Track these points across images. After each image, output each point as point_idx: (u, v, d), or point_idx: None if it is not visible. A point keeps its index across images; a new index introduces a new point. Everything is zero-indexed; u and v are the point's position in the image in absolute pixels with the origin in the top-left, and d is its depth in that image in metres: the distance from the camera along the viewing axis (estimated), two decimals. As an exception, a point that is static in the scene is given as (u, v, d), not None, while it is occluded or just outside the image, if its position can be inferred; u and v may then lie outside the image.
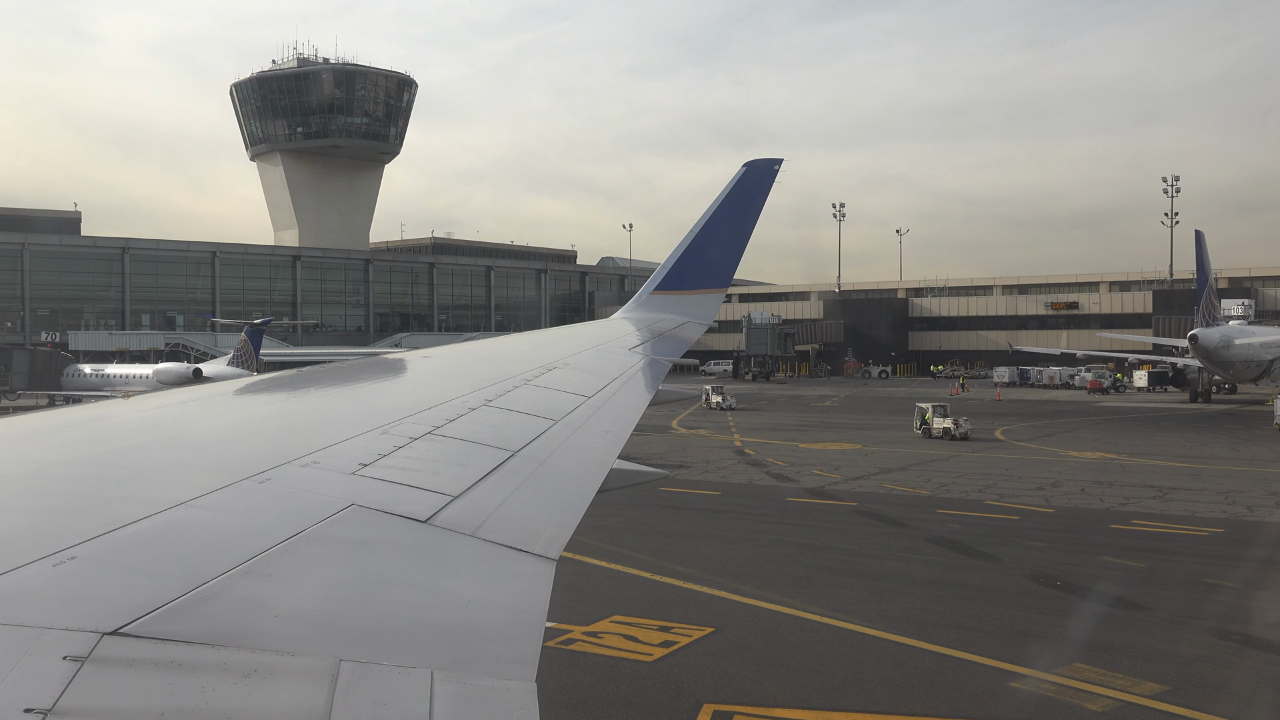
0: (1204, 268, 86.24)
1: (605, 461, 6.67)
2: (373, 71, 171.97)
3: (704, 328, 16.17)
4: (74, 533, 3.50)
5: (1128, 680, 19.73)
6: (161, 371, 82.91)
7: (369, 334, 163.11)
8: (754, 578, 28.27)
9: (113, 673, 2.63)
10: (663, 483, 44.64)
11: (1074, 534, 34.60)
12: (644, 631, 23.31)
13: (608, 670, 20.89)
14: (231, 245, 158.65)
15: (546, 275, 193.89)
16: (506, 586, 4.04)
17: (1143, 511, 38.24)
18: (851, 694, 19.37)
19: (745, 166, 16.55)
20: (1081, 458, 55.13)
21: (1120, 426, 74.06)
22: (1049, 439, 65.00)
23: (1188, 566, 29.89)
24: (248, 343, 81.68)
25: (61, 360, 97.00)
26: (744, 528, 36.48)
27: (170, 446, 5.53)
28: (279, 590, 3.39)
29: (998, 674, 20.23)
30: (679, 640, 22.66)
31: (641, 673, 20.69)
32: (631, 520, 37.30)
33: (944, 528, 35.46)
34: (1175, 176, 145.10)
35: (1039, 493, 42.89)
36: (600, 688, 19.89)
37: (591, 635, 23.09)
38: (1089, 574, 28.62)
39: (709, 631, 23.26)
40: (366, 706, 2.75)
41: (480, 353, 12.88)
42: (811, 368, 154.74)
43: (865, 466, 51.78)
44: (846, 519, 37.96)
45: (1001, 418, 79.91)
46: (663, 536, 34.55)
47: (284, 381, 9.35)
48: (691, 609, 25.20)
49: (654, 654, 21.78)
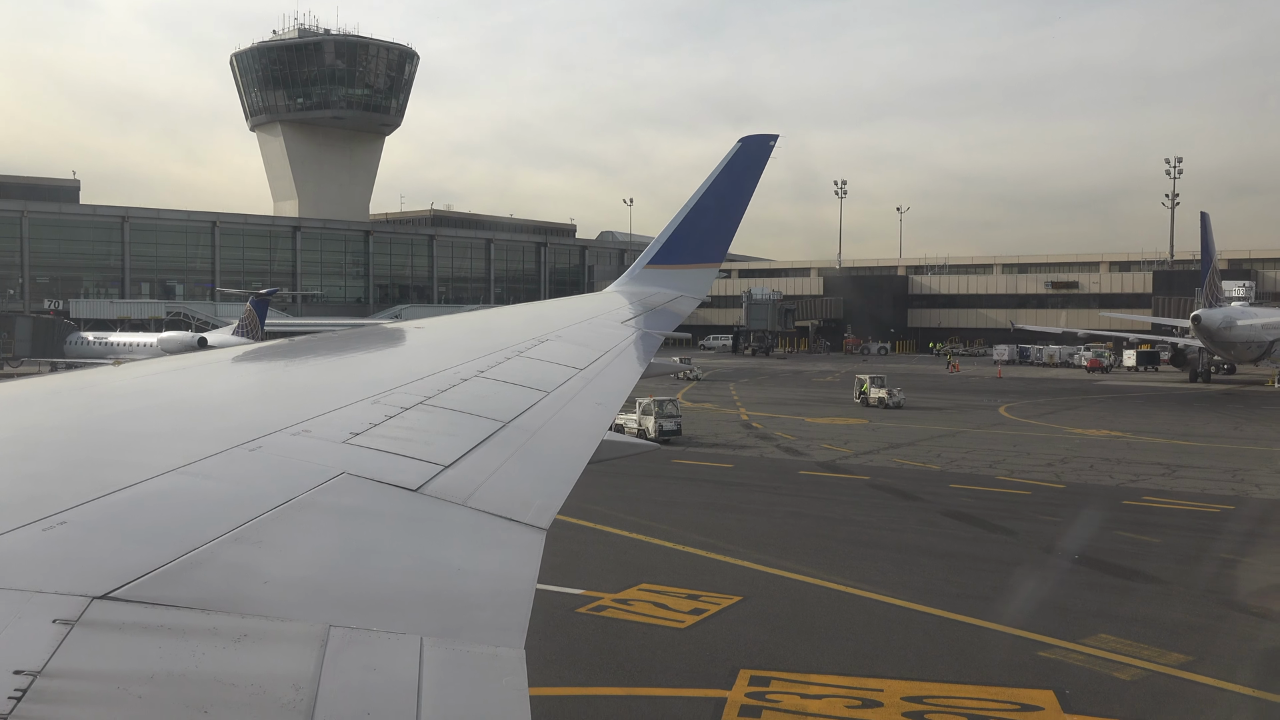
0: (1208, 249, 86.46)
1: (596, 433, 6.67)
2: (374, 43, 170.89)
3: (697, 302, 16.21)
4: (64, 498, 3.49)
5: (1153, 651, 20.10)
6: (167, 340, 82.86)
7: (369, 305, 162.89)
8: (775, 548, 28.59)
9: (103, 636, 2.64)
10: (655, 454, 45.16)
11: (1087, 509, 34.96)
12: (673, 599, 23.64)
13: (641, 636, 21.22)
14: (231, 215, 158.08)
15: (546, 249, 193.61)
16: (497, 555, 4.08)
17: (1153, 488, 38.63)
18: (883, 662, 19.72)
19: (740, 142, 16.51)
20: (1087, 435, 55.55)
21: (1122, 405, 74.52)
22: (1053, 416, 65.41)
23: (1202, 542, 30.29)
24: (253, 312, 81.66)
25: (64, 328, 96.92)
26: (760, 500, 36.82)
27: (161, 414, 5.52)
28: (269, 557, 3.40)
29: (1026, 644, 20.58)
30: (708, 608, 22.99)
31: (675, 639, 21.03)
32: (649, 491, 37.66)
33: (958, 502, 35.83)
34: (1178, 158, 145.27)
35: (1049, 469, 43.28)
36: (636, 653, 20.23)
37: (621, 602, 23.42)
38: (1106, 548, 28.98)
39: (737, 600, 23.59)
40: (356, 671, 2.76)
41: (472, 324, 12.95)
42: (811, 344, 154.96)
43: (873, 441, 52.13)
44: (860, 492, 38.31)
45: (1004, 395, 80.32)
46: (680, 508, 34.88)
47: (276, 351, 9.37)
48: (717, 578, 25.52)
49: (685, 621, 22.11)
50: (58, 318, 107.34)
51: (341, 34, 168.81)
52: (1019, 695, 17.80)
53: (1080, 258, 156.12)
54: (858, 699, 17.64)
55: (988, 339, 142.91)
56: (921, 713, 17.07)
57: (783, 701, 17.58)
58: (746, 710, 17.12)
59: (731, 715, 16.95)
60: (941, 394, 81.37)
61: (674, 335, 14.51)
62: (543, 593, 19.76)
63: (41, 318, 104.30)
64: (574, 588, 24.32)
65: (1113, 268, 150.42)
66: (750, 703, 17.42)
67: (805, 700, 17.67)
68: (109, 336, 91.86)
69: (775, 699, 17.66)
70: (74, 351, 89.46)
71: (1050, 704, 17.36)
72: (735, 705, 17.31)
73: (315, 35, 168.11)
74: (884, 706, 17.30)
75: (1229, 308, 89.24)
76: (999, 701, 17.50)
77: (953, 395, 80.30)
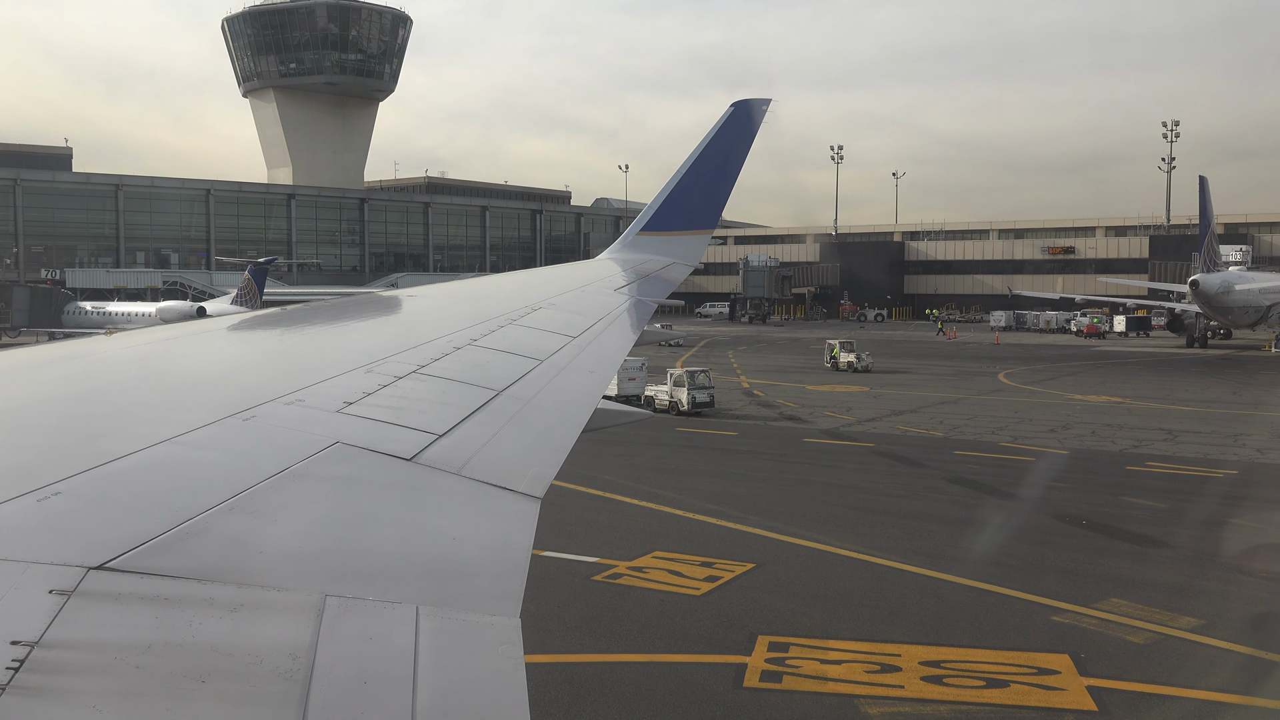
0: (1206, 213, 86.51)
1: (590, 401, 6.64)
2: (367, 7, 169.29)
3: (690, 269, 16.12)
4: (58, 468, 3.48)
5: (1164, 615, 20.37)
6: (165, 309, 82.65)
7: (364, 274, 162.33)
8: (785, 516, 28.81)
9: (99, 606, 2.64)
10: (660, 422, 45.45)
11: (1091, 475, 35.26)
12: (687, 567, 23.85)
13: (658, 604, 21.44)
14: (225, 183, 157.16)
15: (542, 216, 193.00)
16: (491, 524, 4.09)
17: (1155, 453, 38.92)
18: (898, 626, 19.96)
19: (733, 106, 16.30)
20: (1088, 401, 55.83)
21: (1121, 370, 74.81)
22: (1052, 383, 65.66)
23: (1207, 506, 30.58)
24: (251, 281, 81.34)
25: (62, 298, 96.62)
26: (767, 468, 37.03)
27: (154, 384, 5.52)
28: (264, 526, 3.40)
29: (1038, 608, 20.84)
30: (723, 575, 23.21)
31: (693, 606, 21.25)
32: (656, 459, 37.87)
33: (963, 468, 36.09)
34: (1175, 121, 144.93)
35: (1051, 435, 43.55)
36: (655, 620, 20.44)
37: (636, 570, 23.62)
38: (1112, 513, 29.24)
39: (751, 567, 23.80)
40: (352, 641, 2.78)
41: (465, 292, 12.88)
42: (807, 311, 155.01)
43: (876, 408, 52.35)
44: (866, 459, 38.54)
45: (1002, 361, 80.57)
46: (688, 475, 35.08)
47: (268, 320, 9.29)
48: (730, 545, 25.74)
49: (701, 588, 22.33)
50: (55, 287, 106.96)
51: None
52: (1035, 659, 18.05)
53: (1076, 223, 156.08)
54: (876, 664, 17.88)
55: (984, 305, 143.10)
56: (940, 676, 17.31)
57: (802, 666, 17.82)
58: (767, 675, 17.36)
59: (753, 680, 17.18)
60: (940, 360, 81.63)
61: (668, 303, 14.46)
62: (558, 560, 19.99)
63: (39, 287, 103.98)
64: (589, 555, 24.52)
65: (1109, 233, 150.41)
66: (770, 668, 17.65)
67: (825, 665, 17.91)
68: (106, 306, 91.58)
69: (795, 664, 17.90)
70: (72, 321, 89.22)
71: (1066, 668, 17.61)
72: (756, 671, 17.54)
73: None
74: (902, 670, 17.54)
75: (1227, 272, 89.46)
76: (1016, 666, 17.75)
77: (951, 362, 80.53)
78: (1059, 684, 17.04)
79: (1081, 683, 17.02)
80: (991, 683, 17.07)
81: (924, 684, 16.99)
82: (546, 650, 18.76)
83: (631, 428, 43.86)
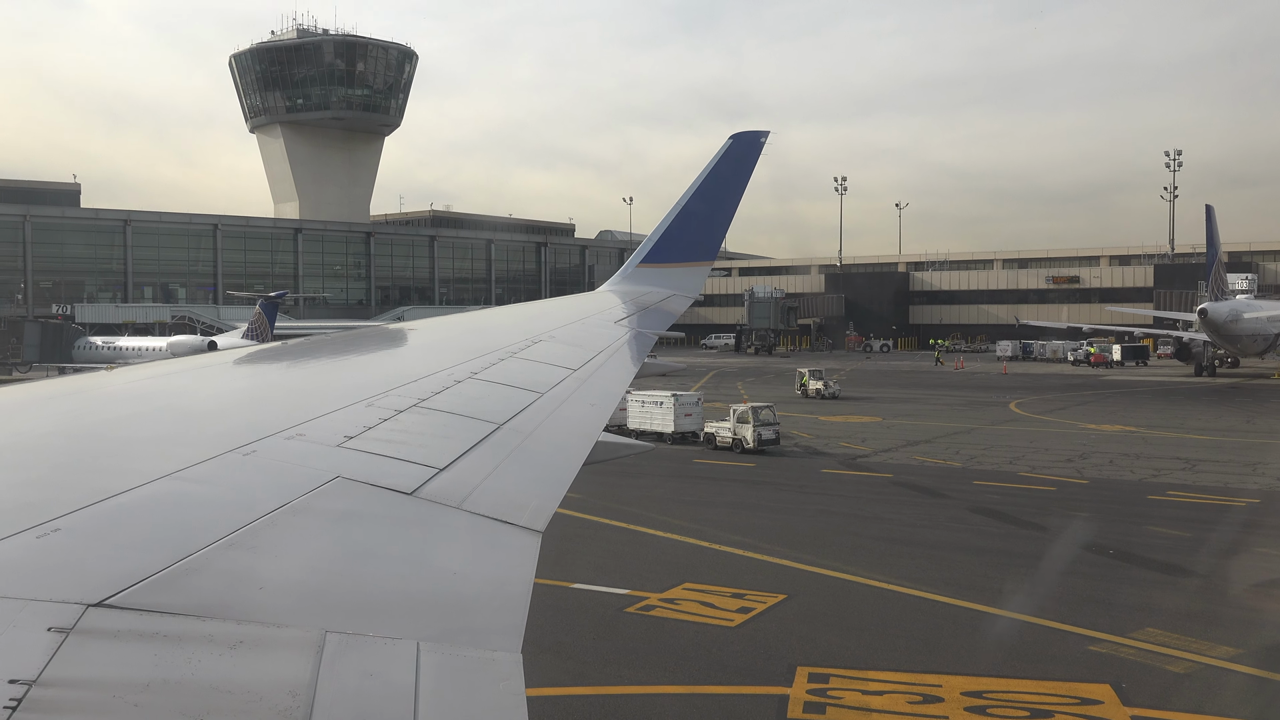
0: (1213, 242, 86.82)
1: (591, 434, 6.59)
2: (374, 43, 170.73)
3: (690, 301, 15.99)
4: (58, 505, 3.47)
5: (1201, 643, 20.38)
6: (176, 344, 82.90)
7: (370, 307, 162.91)
8: (811, 547, 28.83)
9: (98, 644, 2.63)
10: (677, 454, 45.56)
11: (1113, 504, 35.25)
12: (719, 598, 23.86)
13: (694, 635, 21.45)
14: (233, 218, 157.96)
15: (546, 249, 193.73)
16: (492, 558, 4.07)
17: (1175, 483, 38.94)
18: (935, 657, 19.96)
19: (731, 138, 16.38)
20: (1102, 430, 55.83)
21: (1131, 400, 74.82)
22: (1064, 412, 65.70)
23: (1232, 535, 30.58)
24: (262, 315, 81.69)
25: (73, 333, 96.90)
26: (787, 499, 37.06)
27: (154, 419, 5.48)
28: (265, 562, 3.39)
29: (1075, 638, 20.84)
30: (755, 606, 23.22)
31: (728, 637, 21.26)
32: (675, 491, 37.92)
33: (984, 499, 36.09)
34: (1178, 151, 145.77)
35: (1069, 464, 43.56)
36: (691, 652, 20.45)
37: (668, 601, 23.64)
38: (1138, 543, 29.26)
39: (782, 598, 23.82)
40: (352, 677, 2.76)
41: (466, 325, 12.92)
42: (813, 342, 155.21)
43: (891, 438, 52.38)
44: (885, 490, 38.56)
45: (1012, 391, 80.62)
46: (709, 507, 35.13)
47: (268, 354, 9.26)
48: (759, 577, 25.76)
49: (734, 620, 22.35)
50: (66, 322, 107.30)
51: (340, 34, 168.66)
52: (1076, 689, 18.06)
53: (1080, 252, 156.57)
54: (918, 694, 17.89)
55: (990, 335, 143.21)
56: (983, 707, 17.31)
57: (844, 698, 17.82)
58: (810, 707, 17.37)
59: (796, 712, 17.19)
60: (950, 390, 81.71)
61: (669, 334, 14.47)
62: (590, 593, 20.01)
63: (50, 323, 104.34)
64: (619, 588, 24.56)
65: (1112, 262, 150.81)
66: (813, 699, 17.66)
67: (866, 696, 17.92)
68: (117, 341, 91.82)
69: (837, 695, 17.90)
70: (82, 356, 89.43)
71: (1109, 697, 17.61)
72: (798, 702, 17.55)
73: (314, 36, 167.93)
74: (945, 701, 17.55)
75: (1235, 301, 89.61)
76: (1058, 696, 17.76)
77: (961, 392, 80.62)
78: (1103, 714, 17.04)
79: (1126, 713, 17.04)
80: (1036, 713, 17.08)
81: (968, 714, 17.00)
82: (586, 682, 18.79)
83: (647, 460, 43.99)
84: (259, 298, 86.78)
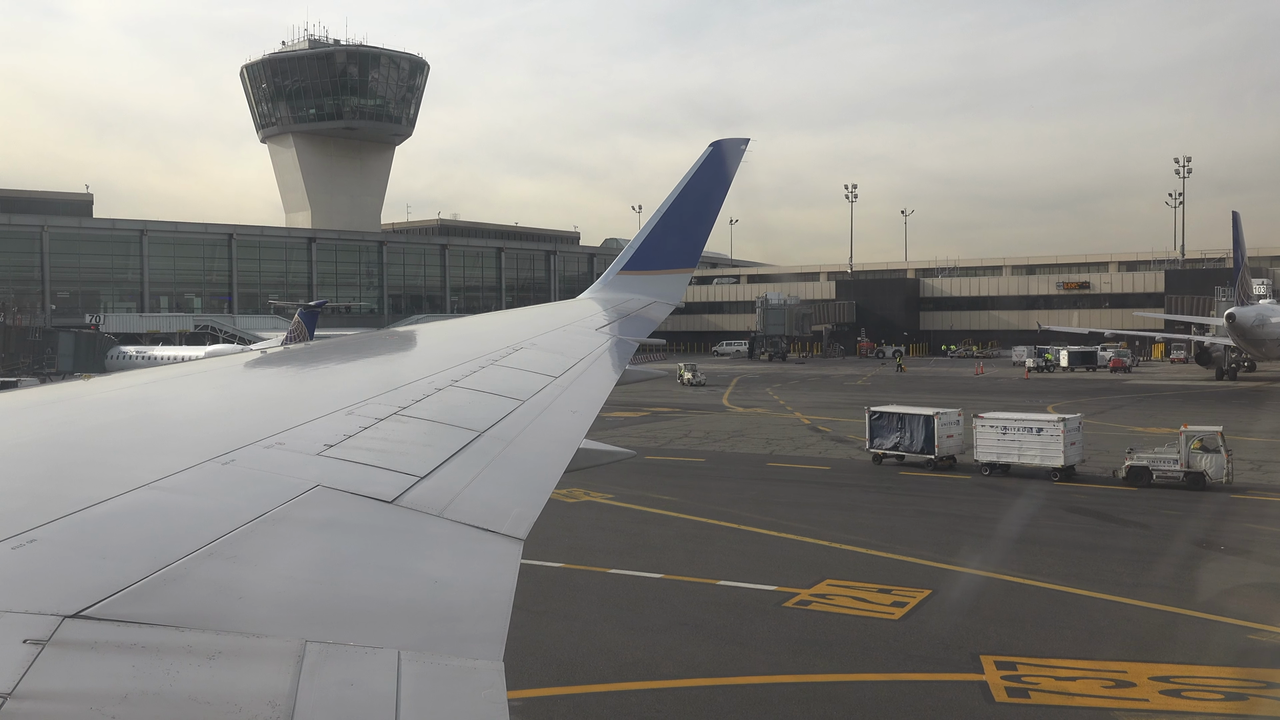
0: (1240, 247, 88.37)
1: (572, 441, 6.63)
2: (386, 53, 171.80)
3: (671, 308, 16.17)
4: (35, 514, 3.44)
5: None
6: (216, 353, 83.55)
7: (382, 316, 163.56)
8: (925, 545, 29.78)
9: (75, 655, 2.61)
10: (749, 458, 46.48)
11: (1198, 503, 36.24)
12: (867, 593, 24.80)
13: (863, 627, 22.39)
14: (248, 227, 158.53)
15: (555, 257, 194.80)
16: (474, 566, 4.07)
17: (1249, 483, 39.97)
18: (1103, 646, 20.91)
19: (712, 146, 16.35)
20: (1149, 432, 56.90)
21: (1161, 403, 76.01)
22: (1104, 415, 66.76)
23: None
24: (301, 324, 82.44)
25: (105, 342, 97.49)
26: (879, 500, 38.01)
27: (134, 428, 5.47)
28: (244, 572, 3.38)
29: (1232, 629, 21.82)
30: (907, 601, 24.15)
31: (897, 629, 22.19)
32: (764, 494, 38.98)
33: (1071, 499, 37.06)
34: (1187, 157, 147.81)
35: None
36: (870, 642, 21.38)
37: (820, 597, 24.57)
38: (1241, 540, 30.27)
39: (928, 593, 24.76)
40: (333, 687, 2.76)
41: (447, 333, 13.10)
42: (825, 348, 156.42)
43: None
44: (972, 491, 39.53)
45: (1042, 395, 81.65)
46: (809, 508, 36.08)
47: (250, 362, 9.32)
48: (893, 573, 26.69)
49: (894, 613, 23.29)
50: (99, 332, 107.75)
51: (352, 45, 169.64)
52: (1258, 674, 19.03)
53: (1089, 258, 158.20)
54: (1109, 679, 18.86)
55: (1002, 341, 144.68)
56: (1177, 690, 18.29)
57: (1040, 683, 18.78)
58: (1014, 691, 18.36)
59: (1001, 696, 18.15)
60: (980, 395, 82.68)
61: (648, 342, 14.60)
62: (739, 589, 21.05)
63: (83, 333, 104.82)
64: (764, 584, 25.48)
65: (1121, 267, 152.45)
66: (1010, 684, 18.63)
67: (1061, 682, 18.88)
68: (150, 350, 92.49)
69: (1032, 680, 18.87)
70: (115, 366, 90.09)
71: (1294, 681, 18.59)
72: (999, 687, 18.52)
73: (326, 46, 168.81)
74: (1137, 686, 18.53)
75: (1260, 305, 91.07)
76: (1249, 680, 18.74)
77: (992, 396, 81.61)
78: (1295, 696, 18.01)
79: (1316, 694, 17.99)
80: (1230, 696, 18.04)
81: (1165, 698, 17.98)
82: (783, 671, 19.69)
83: (724, 464, 44.94)
84: (300, 306, 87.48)
